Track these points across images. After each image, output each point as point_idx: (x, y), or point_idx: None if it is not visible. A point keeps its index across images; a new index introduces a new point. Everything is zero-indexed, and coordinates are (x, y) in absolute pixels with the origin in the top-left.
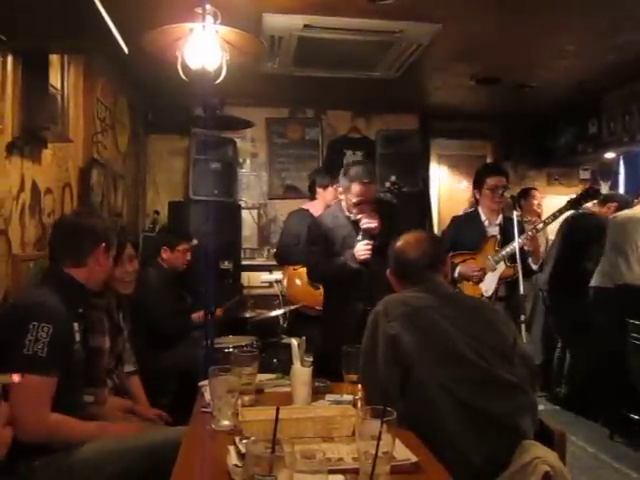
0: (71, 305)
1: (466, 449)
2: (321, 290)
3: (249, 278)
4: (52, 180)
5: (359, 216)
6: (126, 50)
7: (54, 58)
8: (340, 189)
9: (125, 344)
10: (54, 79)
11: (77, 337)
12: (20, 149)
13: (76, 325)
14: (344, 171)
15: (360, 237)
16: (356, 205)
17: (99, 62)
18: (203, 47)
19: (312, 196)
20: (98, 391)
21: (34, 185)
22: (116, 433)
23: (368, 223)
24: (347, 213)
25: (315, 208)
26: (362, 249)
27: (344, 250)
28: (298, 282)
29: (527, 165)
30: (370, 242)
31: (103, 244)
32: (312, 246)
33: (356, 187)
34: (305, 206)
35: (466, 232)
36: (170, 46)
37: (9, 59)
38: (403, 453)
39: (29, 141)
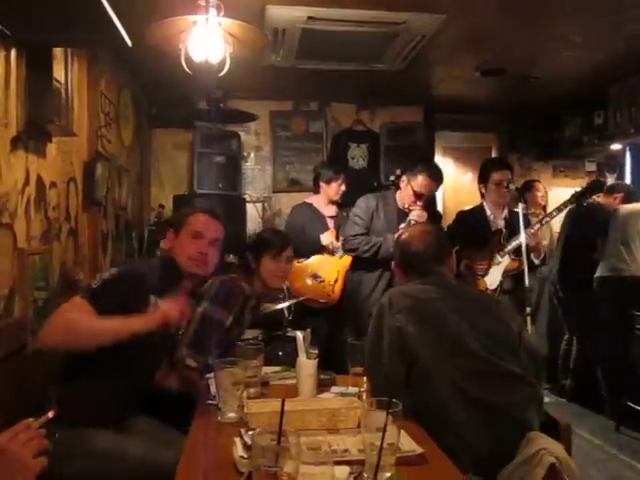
0: (161, 280)
1: (472, 440)
2: (325, 283)
3: None
4: (57, 174)
5: (411, 207)
6: (129, 43)
7: (58, 52)
8: (404, 178)
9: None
10: (58, 73)
11: (150, 310)
12: (25, 143)
13: (153, 298)
14: (414, 165)
15: (404, 225)
16: (415, 195)
17: (103, 56)
18: (206, 40)
19: (316, 189)
20: (200, 358)
21: (39, 179)
22: (139, 325)
23: (419, 216)
24: (399, 204)
25: (319, 202)
26: None
27: (385, 234)
28: (303, 275)
29: (532, 157)
30: None
31: (171, 229)
32: (356, 217)
33: (423, 177)
34: (309, 200)
35: (471, 226)
36: (173, 39)
37: (13, 53)
38: (408, 444)
39: (33, 135)
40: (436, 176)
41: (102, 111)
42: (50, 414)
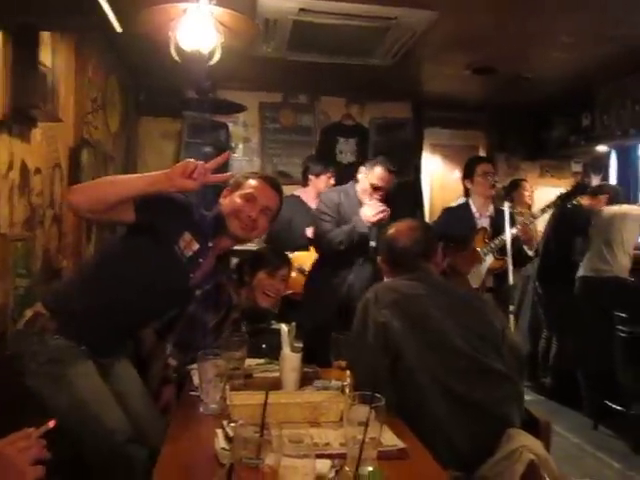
0: (204, 226)
1: (453, 436)
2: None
3: None
4: (41, 160)
5: (369, 200)
6: (119, 29)
7: (45, 36)
8: (363, 169)
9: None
10: (44, 57)
11: (182, 244)
12: (9, 128)
13: (188, 235)
14: (371, 159)
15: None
16: (373, 188)
17: (90, 41)
18: (197, 28)
19: (304, 183)
20: (181, 357)
21: (23, 165)
22: (157, 176)
23: (374, 208)
24: (360, 196)
25: (307, 195)
26: (375, 210)
27: (353, 217)
28: None
29: (520, 157)
30: (382, 206)
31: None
32: (323, 215)
33: (380, 170)
34: (297, 192)
35: (456, 223)
36: (164, 26)
37: None
38: (390, 439)
39: (18, 120)
40: (392, 169)
41: (89, 97)
42: (51, 424)
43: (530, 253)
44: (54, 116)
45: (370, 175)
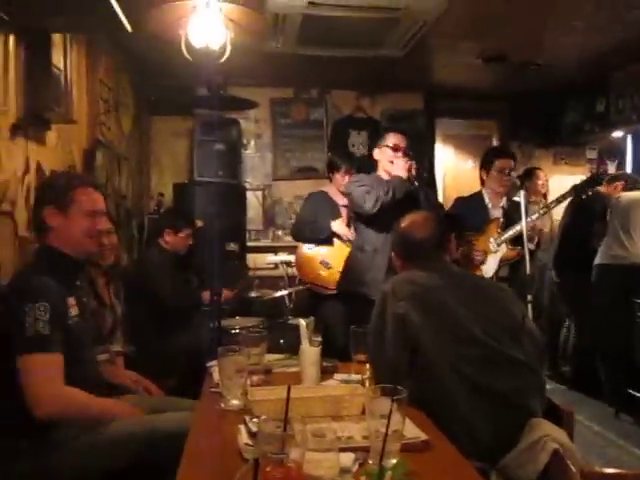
0: (63, 278)
1: (475, 427)
2: (333, 270)
3: (255, 260)
4: (57, 162)
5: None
6: (129, 29)
7: (56, 38)
8: (376, 149)
9: (114, 323)
10: (57, 59)
11: (73, 311)
12: (24, 130)
13: (72, 299)
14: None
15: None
16: (394, 150)
17: (101, 42)
18: (207, 25)
19: (329, 177)
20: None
21: (39, 167)
22: (131, 414)
23: (403, 167)
24: (386, 170)
25: (333, 190)
26: (402, 164)
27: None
28: (312, 263)
29: (533, 145)
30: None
31: (51, 206)
32: (355, 183)
33: (392, 134)
34: (324, 188)
35: (469, 214)
36: (173, 24)
37: (11, 39)
38: (413, 431)
39: (33, 122)
40: (405, 133)
41: (101, 98)
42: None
43: (531, 247)
44: (68, 118)
45: (387, 142)
